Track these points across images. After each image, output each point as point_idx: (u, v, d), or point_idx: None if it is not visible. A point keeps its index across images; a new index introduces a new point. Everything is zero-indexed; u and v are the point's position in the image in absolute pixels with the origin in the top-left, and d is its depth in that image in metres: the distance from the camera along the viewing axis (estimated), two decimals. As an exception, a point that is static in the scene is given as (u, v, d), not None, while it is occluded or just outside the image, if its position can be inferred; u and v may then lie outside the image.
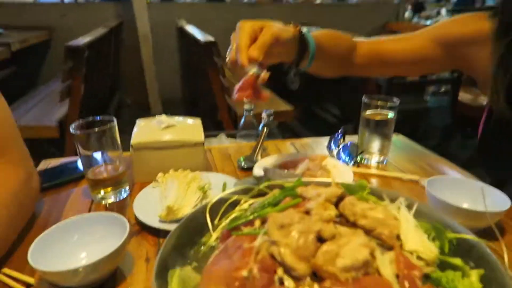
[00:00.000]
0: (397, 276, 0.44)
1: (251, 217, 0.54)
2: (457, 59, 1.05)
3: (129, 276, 0.68)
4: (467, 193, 0.87)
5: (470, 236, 0.54)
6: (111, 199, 0.94)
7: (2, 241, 0.70)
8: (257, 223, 0.54)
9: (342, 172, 1.04)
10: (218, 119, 3.08)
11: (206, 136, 1.10)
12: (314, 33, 0.98)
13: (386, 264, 0.45)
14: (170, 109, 1.18)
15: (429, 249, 0.49)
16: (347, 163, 1.14)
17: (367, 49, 1.10)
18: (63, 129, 2.57)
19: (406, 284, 0.43)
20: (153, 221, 0.79)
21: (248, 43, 0.81)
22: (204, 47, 2.82)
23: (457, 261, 0.50)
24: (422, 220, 0.56)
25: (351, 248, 0.44)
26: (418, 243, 0.49)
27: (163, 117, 1.07)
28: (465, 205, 0.84)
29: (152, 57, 4.45)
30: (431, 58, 1.07)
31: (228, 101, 2.98)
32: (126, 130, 1.10)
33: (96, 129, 0.88)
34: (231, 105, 3.00)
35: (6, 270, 0.68)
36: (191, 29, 3.62)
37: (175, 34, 4.88)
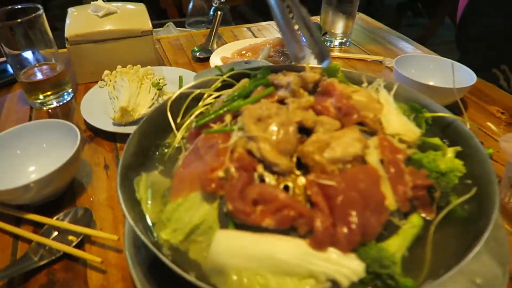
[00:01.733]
0: (382, 161, 0.42)
1: (221, 111, 0.48)
2: None
3: (89, 186, 0.62)
4: (431, 70, 0.86)
5: (448, 114, 0.52)
6: (53, 104, 0.83)
7: None
8: (228, 118, 0.48)
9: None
10: (161, 6, 2.78)
11: (154, 26, 0.97)
12: None
13: (371, 149, 0.42)
14: None
15: (411, 131, 0.47)
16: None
17: None
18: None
19: (392, 169, 0.41)
20: (107, 125, 0.71)
21: None
22: None
23: (436, 140, 0.49)
24: (400, 101, 0.54)
25: (344, 141, 0.40)
26: (400, 125, 0.47)
27: (99, 3, 0.90)
28: (431, 82, 0.83)
29: None
30: None
31: (170, -15, 2.66)
32: (59, 26, 0.93)
33: (20, 20, 0.72)
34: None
35: None
36: None
37: None
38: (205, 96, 0.59)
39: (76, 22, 0.89)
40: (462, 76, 0.79)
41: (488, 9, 0.95)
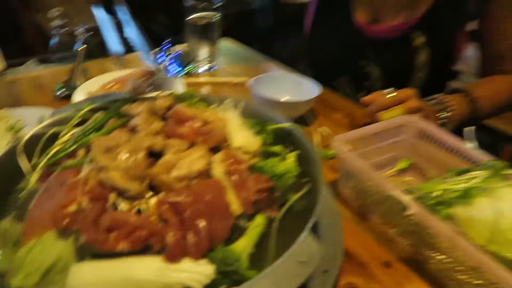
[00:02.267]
0: (227, 173, 0.47)
1: (73, 147, 0.49)
2: None
3: None
4: (288, 87, 0.96)
5: (287, 124, 0.60)
6: None
7: None
8: (81, 153, 0.49)
9: (173, 85, 1.01)
10: (25, 42, 2.59)
11: (10, 66, 0.91)
12: None
13: (217, 164, 0.47)
14: None
15: (253, 143, 0.53)
16: (177, 75, 1.12)
17: None
18: None
19: (235, 177, 0.46)
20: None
21: None
22: None
23: (278, 148, 0.56)
24: (248, 117, 0.60)
25: (190, 160, 0.44)
26: (244, 139, 0.53)
27: None
28: (286, 98, 0.93)
29: None
30: None
31: (34, 18, 2.50)
32: None
33: None
34: (39, 23, 2.53)
35: None
36: None
37: None
38: (62, 133, 0.58)
39: None
40: (311, 89, 0.91)
41: (325, 29, 1.12)
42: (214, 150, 0.50)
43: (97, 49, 1.48)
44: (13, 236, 0.44)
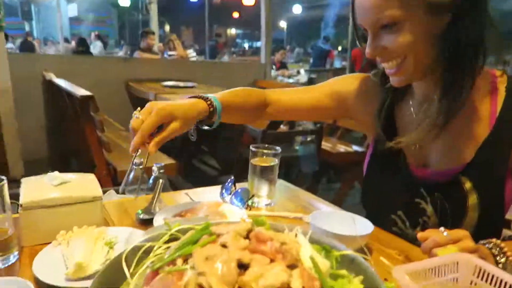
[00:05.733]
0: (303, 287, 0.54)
1: (175, 255, 0.59)
2: (344, 109, 1.31)
3: None
4: (340, 222, 1.06)
5: (350, 252, 0.68)
6: (-1, 266, 0.85)
7: None
8: (179, 261, 0.59)
9: (238, 215, 1.14)
10: (97, 177, 2.92)
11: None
12: (224, 94, 1.14)
13: (295, 278, 0.55)
14: (34, 170, 1.13)
15: (322, 264, 0.61)
16: (240, 208, 1.25)
17: (275, 99, 1.30)
18: None
19: (311, 293, 0.53)
20: (59, 281, 0.76)
21: (152, 131, 0.94)
22: (80, 101, 2.73)
23: (343, 272, 0.63)
24: (314, 244, 0.69)
25: (274, 272, 0.53)
26: (314, 260, 0.61)
27: (55, 174, 1.03)
28: (339, 232, 1.01)
29: (14, 113, 4.02)
30: (324, 108, 1.32)
31: (106, 157, 2.88)
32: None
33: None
34: (109, 160, 2.90)
35: None
36: (62, 83, 3.46)
37: (40, 87, 4.53)
38: (155, 248, 0.69)
39: (31, 190, 0.98)
40: (364, 226, 0.99)
41: (381, 173, 1.25)
42: (291, 267, 0.58)
43: (167, 185, 1.68)
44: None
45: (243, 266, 0.56)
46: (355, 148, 3.81)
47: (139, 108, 0.99)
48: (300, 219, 1.21)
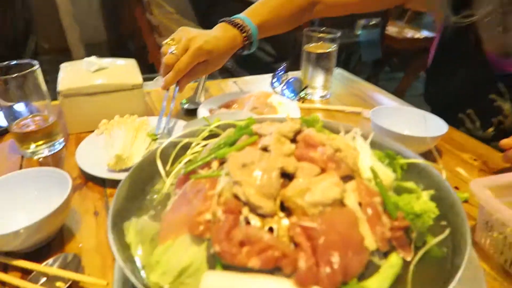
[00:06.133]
0: (360, 204, 0.45)
1: (208, 158, 0.51)
2: None
3: (78, 233, 0.63)
4: (406, 120, 0.91)
5: (420, 160, 0.56)
6: (44, 153, 0.85)
7: None
8: (215, 165, 0.51)
9: (288, 108, 1.03)
10: (149, 61, 2.89)
11: (143, 80, 1.02)
12: (259, 11, 0.98)
13: (349, 193, 0.45)
14: (94, 54, 1.07)
15: (386, 175, 0.50)
16: (291, 99, 1.13)
17: None
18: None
19: (369, 211, 0.44)
20: (100, 171, 0.73)
21: (187, 71, 0.86)
22: (128, -19, 2.56)
23: (410, 184, 0.52)
24: (375, 149, 0.57)
25: (323, 186, 0.43)
26: (375, 171, 0.50)
27: (92, 59, 0.96)
28: (406, 132, 0.88)
29: (69, -2, 3.95)
30: None
31: (158, 41, 2.79)
32: (49, 80, 0.97)
33: (14, 75, 0.76)
34: (161, 44, 2.82)
35: None
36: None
37: (93, -31, 4.34)
38: (193, 145, 0.62)
39: (69, 76, 0.93)
40: (435, 126, 0.85)
41: (451, 63, 1.04)
42: (345, 179, 0.48)
43: (216, 71, 1.57)
44: (150, 234, 0.47)
45: (287, 176, 0.47)
46: (425, 33, 3.36)
47: (172, 37, 0.89)
48: (359, 114, 1.08)
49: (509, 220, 0.50)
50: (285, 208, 0.44)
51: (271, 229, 0.42)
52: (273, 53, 4.38)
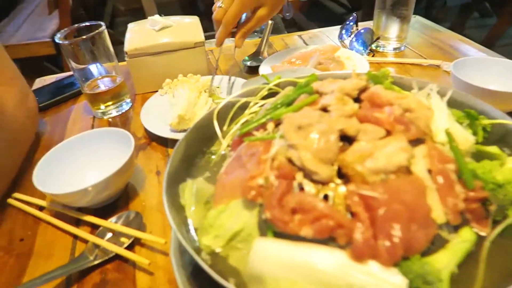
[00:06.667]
0: (430, 172, 0.40)
1: (263, 119, 0.48)
2: None
3: (141, 191, 0.66)
4: (495, 74, 0.80)
5: (507, 121, 0.48)
6: (113, 113, 0.89)
7: (5, 166, 0.68)
8: (270, 126, 0.49)
9: (357, 62, 0.95)
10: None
11: (207, 38, 1.00)
12: None
13: (418, 158, 0.40)
14: (166, 12, 1.07)
15: (464, 139, 0.44)
16: (361, 53, 1.05)
17: None
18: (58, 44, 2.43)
19: (440, 179, 0.39)
20: (163, 131, 0.75)
21: (237, 21, 0.84)
22: None
23: (494, 149, 0.45)
24: (455, 108, 0.50)
25: (388, 151, 0.39)
26: (452, 133, 0.44)
27: (156, 17, 0.96)
28: (492, 87, 0.77)
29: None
30: None
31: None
32: (123, 41, 1.00)
33: (84, 37, 0.79)
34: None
35: (17, 194, 0.67)
36: None
37: None
38: (251, 104, 0.60)
39: (135, 36, 0.95)
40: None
41: None
42: (415, 143, 0.43)
43: (281, 25, 1.51)
44: (205, 196, 0.47)
45: (347, 139, 0.43)
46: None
47: None
48: (438, 67, 0.96)
49: None
50: (343, 175, 0.41)
51: (326, 197, 0.39)
52: (345, 3, 4.10)
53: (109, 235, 0.56)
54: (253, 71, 1.02)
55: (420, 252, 0.35)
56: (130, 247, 0.54)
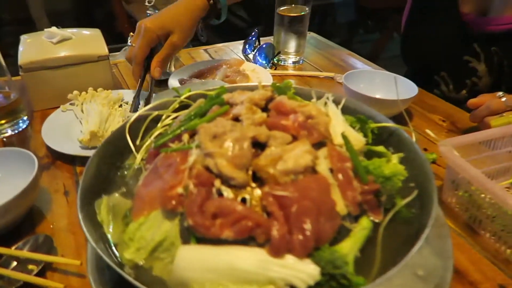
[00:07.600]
0: (331, 170, 0.45)
1: (179, 131, 0.50)
2: None
3: (48, 213, 0.61)
4: (379, 84, 0.92)
5: (390, 124, 0.56)
6: (8, 132, 0.81)
7: None
8: (185, 137, 0.50)
9: (261, 75, 1.01)
10: (118, 30, 2.78)
11: (109, 50, 0.97)
12: None
13: (321, 159, 0.45)
14: (59, 23, 1.02)
15: (357, 140, 0.50)
16: (264, 66, 1.12)
17: None
18: None
19: (340, 176, 0.44)
20: (70, 149, 0.71)
21: (145, 55, 0.86)
22: None
23: (381, 148, 0.53)
24: (347, 114, 0.57)
25: (295, 154, 0.43)
26: (347, 136, 0.50)
27: (53, 30, 0.90)
28: (377, 95, 0.88)
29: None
30: None
31: (126, 8, 2.67)
32: (12, 53, 0.92)
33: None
34: (130, 12, 2.70)
35: None
36: None
37: None
38: (164, 117, 0.61)
39: (30, 49, 0.88)
40: (406, 88, 0.85)
41: (425, 23, 1.04)
42: (317, 145, 0.48)
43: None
44: (122, 211, 0.47)
45: (259, 145, 0.46)
46: (400, -8, 3.33)
47: (131, 34, 0.89)
48: (332, 79, 1.07)
49: (473, 178, 0.52)
50: (257, 178, 0.44)
51: (244, 200, 0.42)
52: (247, 18, 4.27)
53: (15, 263, 0.51)
54: (161, 84, 1.02)
55: (328, 242, 0.39)
56: (41, 274, 0.50)
